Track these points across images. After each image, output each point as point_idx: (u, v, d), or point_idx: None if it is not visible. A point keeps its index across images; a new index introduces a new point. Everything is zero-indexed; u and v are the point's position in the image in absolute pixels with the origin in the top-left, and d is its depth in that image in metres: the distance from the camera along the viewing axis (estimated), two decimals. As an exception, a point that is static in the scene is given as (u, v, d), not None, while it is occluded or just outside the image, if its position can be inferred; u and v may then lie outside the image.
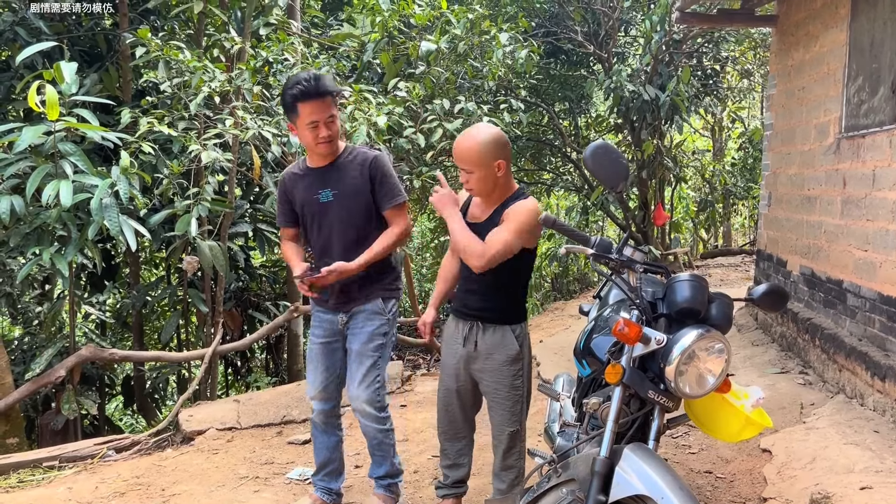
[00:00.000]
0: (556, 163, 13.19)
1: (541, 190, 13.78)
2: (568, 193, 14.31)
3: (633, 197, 11.26)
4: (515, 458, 3.21)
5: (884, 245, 4.21)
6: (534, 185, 13.75)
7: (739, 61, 12.04)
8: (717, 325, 2.48)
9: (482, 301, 3.09)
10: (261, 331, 6.35)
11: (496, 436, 3.25)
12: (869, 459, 3.46)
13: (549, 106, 11.40)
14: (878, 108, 4.36)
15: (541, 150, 12.72)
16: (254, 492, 3.84)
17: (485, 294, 3.08)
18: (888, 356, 4.08)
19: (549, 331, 7.75)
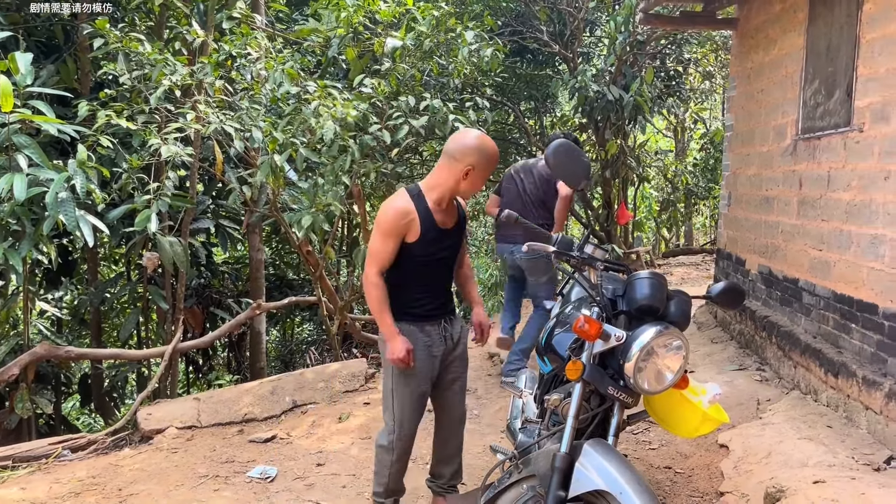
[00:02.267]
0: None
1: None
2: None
3: (597, 196, 11.37)
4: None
5: (838, 245, 4.31)
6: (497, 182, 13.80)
7: (701, 63, 12.23)
8: (675, 323, 2.52)
9: (448, 297, 3.21)
10: (222, 328, 6.28)
11: (459, 420, 3.37)
12: (822, 454, 3.55)
13: (515, 105, 11.45)
14: (833, 110, 4.47)
15: (506, 149, 12.76)
16: (214, 491, 3.80)
17: (449, 290, 3.21)
18: (841, 353, 4.19)
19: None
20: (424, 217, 2.94)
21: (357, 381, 5.51)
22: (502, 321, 5.61)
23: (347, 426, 4.74)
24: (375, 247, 2.94)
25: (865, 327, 3.95)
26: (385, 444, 3.23)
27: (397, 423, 3.19)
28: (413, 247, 2.95)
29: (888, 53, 3.79)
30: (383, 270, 2.99)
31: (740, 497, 3.47)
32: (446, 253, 3.08)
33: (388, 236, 2.91)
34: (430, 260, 3.02)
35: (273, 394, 5.12)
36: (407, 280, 3.05)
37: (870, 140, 3.95)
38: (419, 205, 2.95)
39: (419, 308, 3.08)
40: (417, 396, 3.18)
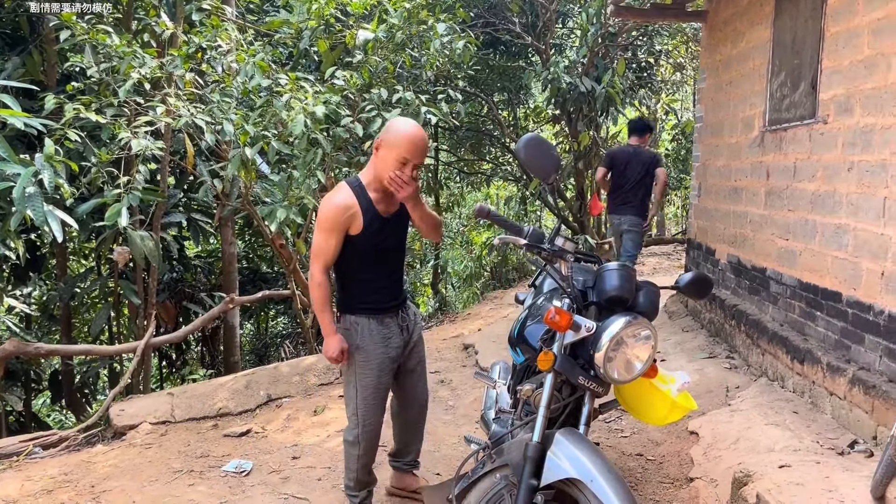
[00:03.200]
0: (496, 153, 13.30)
1: (480, 180, 13.89)
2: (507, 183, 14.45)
3: (570, 187, 11.45)
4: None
5: (804, 234, 4.41)
6: (473, 175, 13.84)
7: (672, 55, 12.34)
8: (644, 313, 2.56)
9: (401, 285, 3.22)
10: (195, 322, 6.23)
11: (422, 405, 3.52)
12: (788, 439, 3.63)
13: (489, 96, 11.48)
14: (799, 102, 4.55)
15: (480, 140, 12.80)
16: (188, 485, 3.79)
17: (401, 279, 3.22)
18: (807, 340, 4.28)
19: (487, 319, 7.84)
20: (367, 209, 2.93)
21: (332, 373, 5.51)
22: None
23: (323, 419, 4.74)
24: (318, 244, 2.92)
25: (830, 315, 4.04)
26: (351, 439, 3.23)
27: (361, 419, 3.19)
28: (358, 239, 2.94)
29: (852, 46, 3.86)
30: (328, 267, 2.98)
31: (709, 482, 3.55)
32: (393, 241, 3.08)
33: (331, 232, 2.89)
34: (378, 250, 3.01)
35: (248, 388, 5.11)
36: (359, 274, 3.04)
37: (834, 132, 4.04)
38: (361, 197, 2.93)
39: (375, 302, 3.07)
40: (380, 390, 3.18)
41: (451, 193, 14.23)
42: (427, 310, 13.60)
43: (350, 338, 3.07)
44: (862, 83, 3.75)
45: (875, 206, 3.58)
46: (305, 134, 4.51)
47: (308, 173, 4.71)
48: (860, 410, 3.52)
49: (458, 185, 14.25)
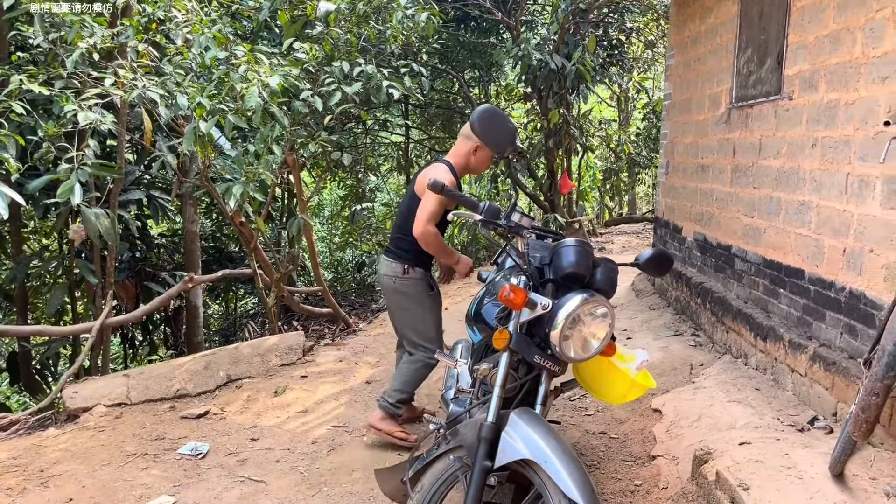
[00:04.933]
0: (467, 131, 13.16)
1: (452, 158, 13.74)
2: (478, 162, 14.34)
3: (541, 166, 11.39)
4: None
5: (768, 211, 4.38)
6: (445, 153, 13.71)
7: (643, 32, 12.28)
8: (601, 290, 2.50)
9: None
10: (154, 302, 6.08)
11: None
12: (749, 416, 3.63)
13: (459, 73, 11.34)
14: (765, 78, 4.51)
15: (451, 118, 12.67)
16: (141, 469, 3.69)
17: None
18: (770, 317, 4.28)
19: (454, 298, 7.78)
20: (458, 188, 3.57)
21: (294, 354, 5.42)
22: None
23: (283, 400, 4.66)
24: (432, 208, 3.44)
25: (792, 292, 4.03)
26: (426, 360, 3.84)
27: (436, 341, 3.88)
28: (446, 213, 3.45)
29: (817, 21, 3.82)
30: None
31: (671, 460, 3.53)
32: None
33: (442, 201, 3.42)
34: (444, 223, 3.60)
35: (207, 368, 5.00)
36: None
37: (799, 108, 4.00)
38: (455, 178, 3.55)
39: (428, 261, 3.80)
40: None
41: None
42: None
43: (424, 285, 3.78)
44: (827, 58, 3.70)
45: (838, 183, 3.56)
46: (261, 107, 4.37)
47: (265, 148, 4.58)
48: (820, 387, 3.52)
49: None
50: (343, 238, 13.99)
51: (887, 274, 3.13)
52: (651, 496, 3.30)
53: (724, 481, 2.84)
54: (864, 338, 3.28)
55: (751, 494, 2.66)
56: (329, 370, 5.24)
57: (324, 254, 13.89)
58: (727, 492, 2.80)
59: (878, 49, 3.24)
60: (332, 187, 14.63)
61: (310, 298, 8.68)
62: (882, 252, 3.17)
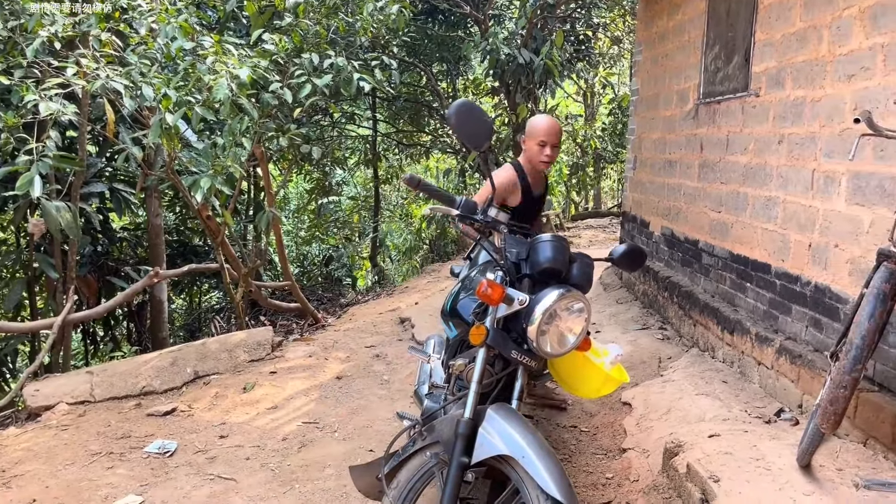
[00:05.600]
0: (435, 125, 13.15)
1: (420, 152, 13.73)
2: (446, 156, 14.34)
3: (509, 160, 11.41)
4: None
5: (735, 207, 4.45)
6: (412, 146, 13.68)
7: (610, 28, 12.37)
8: (577, 285, 2.51)
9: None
10: (117, 297, 5.95)
11: None
12: (718, 408, 3.68)
13: (427, 67, 11.30)
14: (732, 75, 4.56)
15: (419, 111, 12.63)
16: (107, 468, 3.61)
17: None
18: (736, 311, 4.34)
19: (425, 293, 7.77)
20: (525, 188, 3.58)
21: (263, 349, 5.36)
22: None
23: (252, 397, 4.60)
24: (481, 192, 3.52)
25: (759, 286, 4.10)
26: None
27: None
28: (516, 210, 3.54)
29: (784, 19, 3.87)
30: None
31: (641, 453, 3.57)
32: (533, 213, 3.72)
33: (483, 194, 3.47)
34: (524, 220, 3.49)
35: (174, 365, 4.91)
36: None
37: (766, 105, 4.06)
38: (522, 178, 3.58)
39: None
40: None
41: (389, 165, 14.04)
42: (365, 283, 13.46)
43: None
44: (793, 56, 3.76)
45: (804, 179, 3.62)
46: (230, 99, 4.29)
47: (234, 141, 4.49)
48: (787, 379, 3.59)
49: (396, 157, 14.07)
50: (309, 232, 13.88)
51: (852, 268, 3.19)
52: (622, 489, 3.32)
53: (695, 473, 2.87)
54: (830, 331, 3.34)
55: (721, 486, 2.70)
56: (298, 366, 5.19)
57: (290, 248, 13.76)
58: (698, 484, 2.83)
59: (844, 47, 3.30)
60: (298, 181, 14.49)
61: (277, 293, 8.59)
62: (847, 247, 3.24)
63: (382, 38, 6.85)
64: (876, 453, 2.88)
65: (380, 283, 12.58)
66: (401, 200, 16.33)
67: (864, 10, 3.15)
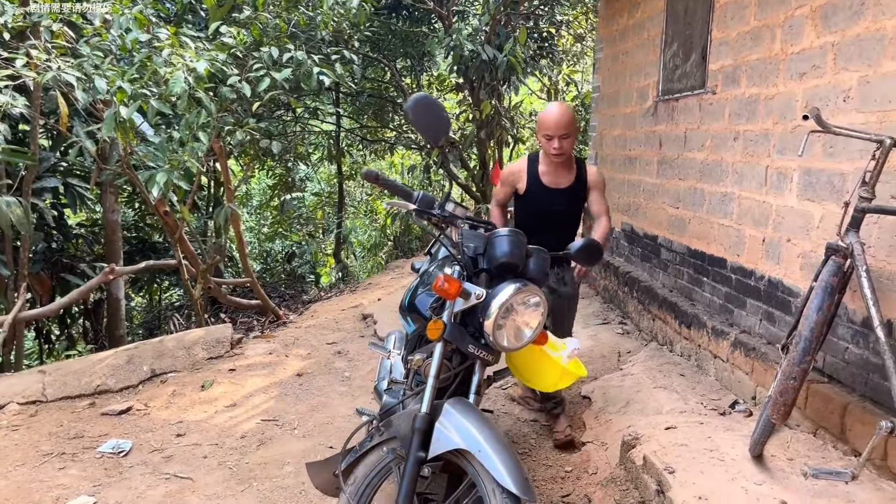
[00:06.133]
0: (399, 121, 13.10)
1: (384, 148, 13.67)
2: (411, 152, 14.30)
3: (473, 156, 11.43)
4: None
5: (692, 202, 4.51)
6: (376, 142, 13.61)
7: (573, 26, 12.44)
8: (534, 279, 2.51)
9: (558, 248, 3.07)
10: (71, 295, 5.82)
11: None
12: (675, 401, 3.73)
13: (391, 62, 11.24)
14: (690, 73, 4.63)
15: (383, 107, 12.56)
16: (59, 469, 3.53)
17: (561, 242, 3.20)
18: (694, 305, 4.41)
19: (388, 289, 7.74)
20: (532, 176, 3.61)
21: (222, 347, 5.28)
22: None
23: (210, 394, 4.53)
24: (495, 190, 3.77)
25: (715, 281, 4.17)
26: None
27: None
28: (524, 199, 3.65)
29: (739, 18, 3.93)
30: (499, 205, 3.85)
31: (600, 446, 3.60)
32: (557, 207, 3.60)
33: (502, 185, 3.72)
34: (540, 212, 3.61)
35: (130, 363, 4.82)
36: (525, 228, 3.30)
37: (722, 102, 4.12)
38: (531, 166, 3.62)
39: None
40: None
41: (353, 161, 13.96)
42: (329, 280, 13.37)
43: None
44: (748, 54, 3.82)
45: (758, 175, 3.69)
46: (187, 92, 4.21)
47: (191, 135, 4.42)
48: (741, 372, 3.65)
49: (360, 153, 13.98)
50: (272, 228, 13.73)
51: (803, 262, 3.26)
52: (581, 482, 3.35)
53: (651, 465, 2.91)
54: (782, 324, 3.41)
55: (676, 477, 2.74)
56: (258, 363, 5.13)
57: (252, 244, 13.61)
58: (654, 475, 2.87)
59: (796, 46, 3.36)
60: (261, 176, 14.32)
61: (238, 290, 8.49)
62: (798, 242, 3.30)
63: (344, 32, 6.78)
64: (826, 443, 2.95)
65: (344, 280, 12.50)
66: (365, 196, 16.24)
67: (815, 10, 3.22)
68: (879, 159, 2.43)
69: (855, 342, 2.90)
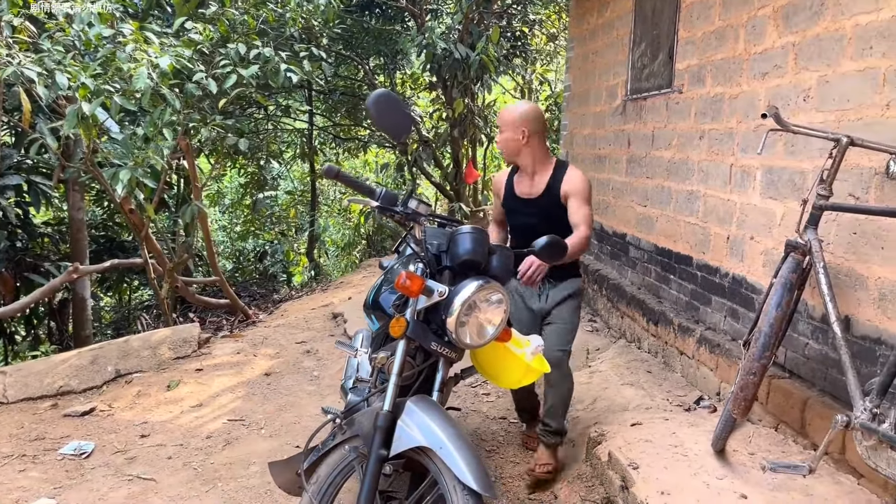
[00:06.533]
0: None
1: (357, 146, 13.62)
2: (384, 150, 14.26)
3: (446, 155, 11.42)
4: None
5: (660, 201, 4.55)
6: (349, 140, 13.56)
7: (546, 25, 12.48)
8: (497, 277, 2.52)
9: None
10: (33, 294, 5.72)
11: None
12: (641, 398, 3.76)
13: (364, 60, 11.20)
14: (657, 72, 4.66)
15: (356, 105, 12.50)
16: (19, 471, 3.46)
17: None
18: (661, 303, 4.45)
19: (359, 288, 7.71)
20: (508, 186, 3.38)
21: (189, 346, 5.22)
22: None
23: (176, 395, 4.48)
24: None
25: (682, 278, 4.20)
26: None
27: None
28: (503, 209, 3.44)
29: (704, 18, 3.97)
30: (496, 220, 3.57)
31: (567, 443, 3.61)
32: (530, 220, 3.27)
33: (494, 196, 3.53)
34: (516, 223, 3.39)
35: (94, 363, 4.74)
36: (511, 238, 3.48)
37: (688, 101, 4.16)
38: (510, 175, 3.40)
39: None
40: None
41: (326, 159, 13.88)
42: (302, 279, 13.28)
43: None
44: (713, 54, 3.86)
45: (723, 173, 3.72)
46: (150, 89, 4.15)
47: (155, 132, 4.35)
48: (706, 368, 3.69)
49: (333, 151, 13.91)
50: (244, 227, 13.61)
51: (766, 260, 3.30)
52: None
53: (616, 461, 2.93)
54: (745, 320, 3.45)
55: (640, 473, 2.75)
56: (226, 363, 5.08)
57: (225, 243, 13.48)
58: (618, 471, 2.89)
59: (759, 46, 3.40)
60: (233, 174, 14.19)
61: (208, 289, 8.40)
62: (761, 239, 3.34)
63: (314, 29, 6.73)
64: (786, 437, 2.99)
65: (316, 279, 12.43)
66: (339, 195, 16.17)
67: (777, 10, 3.25)
68: (836, 158, 2.46)
69: (815, 338, 2.94)
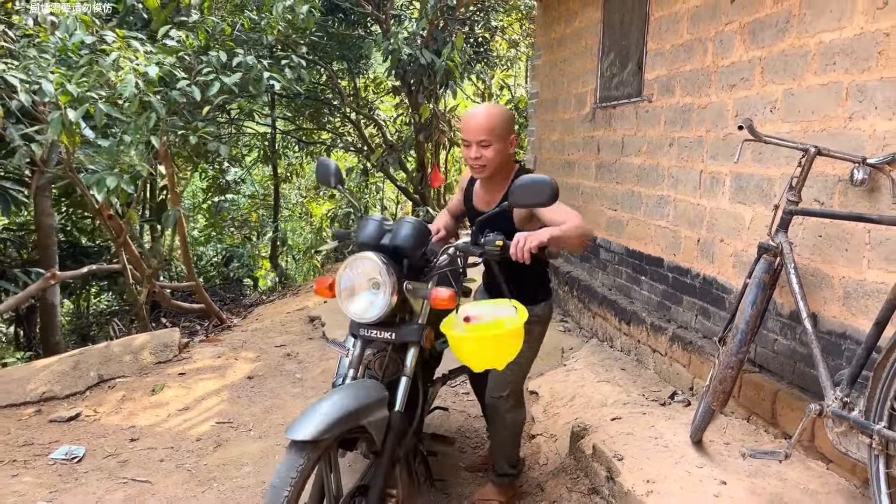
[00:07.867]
0: (336, 123, 13.09)
1: (321, 150, 13.64)
2: (348, 154, 14.31)
3: (411, 159, 11.55)
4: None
5: (630, 205, 4.75)
6: (313, 144, 13.57)
7: (508, 31, 12.70)
8: (398, 246, 2.57)
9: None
10: (9, 301, 5.66)
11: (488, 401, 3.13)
12: (618, 394, 3.95)
13: (328, 64, 11.25)
14: (626, 81, 4.87)
15: (320, 109, 12.54)
16: (12, 476, 3.48)
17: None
18: (632, 302, 4.65)
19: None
20: (466, 195, 3.06)
21: (170, 351, 5.25)
22: None
23: (161, 399, 4.52)
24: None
25: (653, 279, 4.41)
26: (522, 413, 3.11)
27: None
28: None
29: (672, 31, 4.19)
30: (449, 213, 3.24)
31: (549, 438, 3.78)
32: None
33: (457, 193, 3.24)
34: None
35: (75, 369, 4.74)
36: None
37: (657, 110, 4.37)
38: (470, 184, 3.03)
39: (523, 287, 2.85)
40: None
41: (289, 163, 13.87)
42: (266, 284, 13.24)
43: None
44: (682, 65, 4.08)
45: (692, 179, 3.94)
46: (137, 96, 4.19)
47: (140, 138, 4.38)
48: (679, 365, 3.89)
49: (297, 155, 13.90)
50: (204, 232, 13.49)
51: (735, 261, 3.51)
52: (532, 473, 3.51)
53: (601, 453, 3.09)
54: (717, 319, 3.66)
55: (625, 464, 2.92)
56: (208, 367, 5.12)
57: (185, 248, 13.32)
58: (603, 463, 3.05)
59: (726, 59, 3.62)
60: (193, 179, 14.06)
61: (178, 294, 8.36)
62: (731, 242, 3.56)
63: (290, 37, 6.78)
64: (758, 428, 3.20)
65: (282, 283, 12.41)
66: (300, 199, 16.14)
67: (743, 26, 3.47)
68: (805, 166, 2.68)
69: (783, 334, 3.15)
